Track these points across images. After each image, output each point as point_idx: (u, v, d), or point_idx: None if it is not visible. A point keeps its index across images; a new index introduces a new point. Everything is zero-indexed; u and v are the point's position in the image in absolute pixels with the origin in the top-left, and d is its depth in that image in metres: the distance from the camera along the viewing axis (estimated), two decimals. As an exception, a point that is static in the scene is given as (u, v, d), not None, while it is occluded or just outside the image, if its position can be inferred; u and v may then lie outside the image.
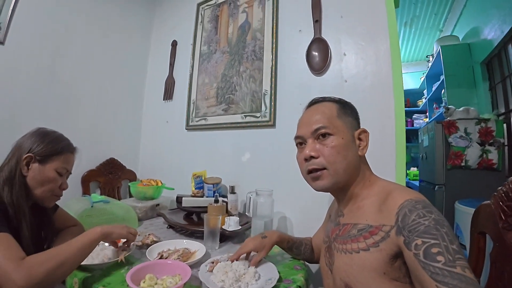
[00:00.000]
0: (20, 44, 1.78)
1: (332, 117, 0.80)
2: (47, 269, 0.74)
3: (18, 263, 0.71)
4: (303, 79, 1.60)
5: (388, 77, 1.35)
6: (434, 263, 0.52)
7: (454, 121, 2.41)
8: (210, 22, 2.14)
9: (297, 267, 1.08)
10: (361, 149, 0.79)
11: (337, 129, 0.78)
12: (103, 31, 2.24)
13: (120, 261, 1.00)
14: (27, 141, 0.96)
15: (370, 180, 0.80)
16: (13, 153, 0.94)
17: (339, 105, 0.83)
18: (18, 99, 1.77)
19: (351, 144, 0.78)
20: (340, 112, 0.81)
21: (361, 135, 0.81)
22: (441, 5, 3.45)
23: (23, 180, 0.92)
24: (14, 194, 0.88)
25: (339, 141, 0.77)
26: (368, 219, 0.70)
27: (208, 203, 1.40)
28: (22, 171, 0.92)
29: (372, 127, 1.37)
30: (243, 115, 1.79)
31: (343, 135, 0.78)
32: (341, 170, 0.76)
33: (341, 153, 0.76)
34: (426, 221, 0.57)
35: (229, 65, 1.94)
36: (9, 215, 0.85)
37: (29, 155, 0.92)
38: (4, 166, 0.92)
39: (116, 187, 2.18)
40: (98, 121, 2.19)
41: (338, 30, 1.53)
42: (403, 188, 0.70)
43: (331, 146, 0.77)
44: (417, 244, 0.55)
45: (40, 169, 0.94)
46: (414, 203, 0.62)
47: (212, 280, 0.90)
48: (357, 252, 0.68)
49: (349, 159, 0.77)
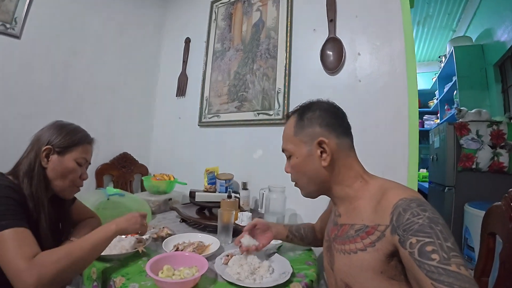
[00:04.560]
0: (35, 39, 1.82)
1: (290, 137, 0.84)
2: (59, 268, 0.73)
3: (29, 262, 0.70)
4: (317, 78, 1.61)
5: (403, 77, 1.36)
6: (429, 261, 0.52)
7: (466, 123, 2.39)
8: (224, 19, 2.16)
9: (309, 262, 1.10)
10: (322, 160, 0.78)
11: (294, 148, 0.82)
12: (117, 27, 2.28)
13: (141, 252, 1.02)
14: (45, 134, 0.97)
15: (363, 179, 0.78)
16: (32, 146, 0.96)
17: (297, 119, 0.83)
18: (34, 93, 1.81)
19: (308, 159, 0.80)
20: (297, 127, 0.82)
21: (321, 144, 0.77)
22: (454, 5, 3.41)
23: (43, 172, 0.93)
24: (33, 186, 0.89)
25: (294, 161, 0.83)
26: (364, 219, 0.71)
27: (220, 198, 1.43)
28: (41, 163, 0.93)
29: (384, 127, 1.40)
30: (256, 113, 1.81)
31: (298, 154, 0.82)
32: (304, 185, 0.84)
33: (299, 171, 0.83)
34: (420, 219, 0.57)
35: (242, 63, 1.95)
36: (29, 208, 0.86)
37: (48, 147, 0.93)
38: (23, 159, 0.94)
39: (128, 181, 2.22)
40: (111, 116, 2.23)
41: (352, 29, 1.53)
42: (398, 187, 0.70)
43: (291, 166, 0.85)
44: (411, 242, 0.56)
45: (59, 161, 0.95)
46: (408, 202, 0.62)
47: (228, 272, 0.92)
48: (355, 253, 0.69)
49: (309, 174, 0.81)
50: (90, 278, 0.98)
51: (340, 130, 0.81)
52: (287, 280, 0.89)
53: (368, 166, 1.35)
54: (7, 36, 1.71)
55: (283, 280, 0.89)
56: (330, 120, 0.80)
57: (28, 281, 0.68)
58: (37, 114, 1.79)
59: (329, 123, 0.80)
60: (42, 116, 1.69)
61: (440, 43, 4.29)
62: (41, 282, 0.69)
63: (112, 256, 1.00)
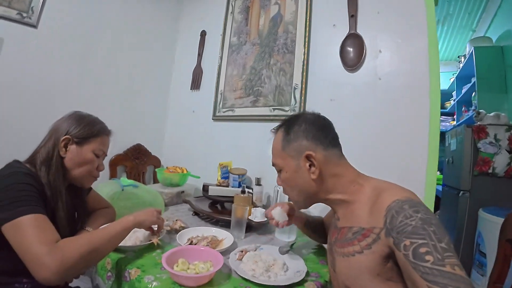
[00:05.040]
0: (52, 29, 1.83)
1: (278, 152, 0.85)
2: (80, 254, 0.73)
3: (51, 246, 0.70)
4: (336, 74, 1.58)
5: (424, 77, 1.32)
6: (423, 263, 0.52)
7: (484, 126, 2.33)
8: (241, 13, 2.14)
9: (322, 261, 1.09)
10: (311, 173, 0.78)
11: (282, 162, 0.84)
12: (133, 19, 2.29)
13: (156, 244, 1.02)
14: (64, 124, 0.97)
15: (358, 183, 0.78)
16: (50, 135, 0.96)
17: (284, 134, 0.84)
18: (49, 83, 1.82)
19: (297, 173, 0.81)
20: (284, 142, 0.83)
21: (310, 158, 0.78)
22: (475, 4, 3.31)
23: (61, 162, 0.94)
24: (51, 175, 0.89)
25: (284, 175, 0.84)
26: (360, 221, 0.71)
27: (234, 193, 1.42)
28: (60, 152, 0.93)
29: (403, 127, 1.37)
30: (272, 108, 1.79)
31: (287, 169, 0.83)
32: (295, 197, 0.86)
33: (289, 185, 0.85)
34: (413, 221, 0.58)
35: (259, 57, 1.93)
36: (47, 196, 0.87)
37: (67, 137, 0.94)
38: (41, 148, 0.94)
39: (141, 172, 2.24)
40: (126, 107, 2.24)
41: (374, 26, 1.50)
42: (393, 188, 0.70)
43: (282, 180, 0.86)
44: (405, 245, 0.56)
45: (78, 151, 0.95)
46: (401, 204, 0.62)
47: (242, 268, 0.92)
48: (353, 255, 0.70)
49: (299, 187, 0.82)
50: (104, 268, 0.99)
51: (327, 141, 0.81)
52: (301, 279, 0.88)
53: (385, 166, 1.34)
54: (23, 25, 1.73)
55: (298, 279, 0.88)
56: (317, 133, 0.81)
57: (51, 264, 0.67)
58: (53, 103, 1.81)
59: (315, 136, 0.80)
60: (57, 105, 1.72)
61: (459, 43, 4.18)
62: (64, 266, 0.69)
63: (127, 247, 1.01)
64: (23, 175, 0.82)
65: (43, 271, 0.67)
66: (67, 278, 0.77)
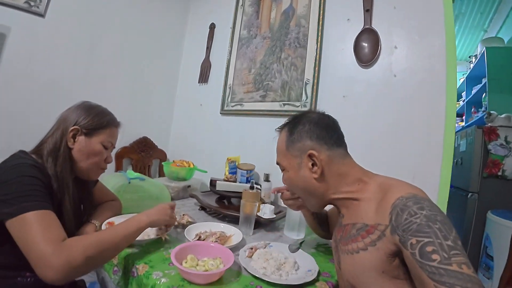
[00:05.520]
0: (60, 19, 1.81)
1: (282, 151, 0.86)
2: (88, 255, 0.71)
3: (56, 246, 0.67)
4: (349, 70, 1.54)
5: (441, 74, 1.28)
6: (430, 262, 0.52)
7: (495, 127, 2.29)
8: (252, 5, 2.10)
9: (332, 260, 1.06)
10: (313, 172, 0.78)
11: (286, 162, 0.85)
12: (142, 10, 2.26)
13: (164, 239, 1.01)
14: (72, 114, 0.95)
15: (363, 181, 0.78)
16: (58, 125, 0.93)
17: (287, 134, 0.84)
18: (56, 73, 1.80)
19: (299, 173, 0.81)
20: (288, 142, 0.83)
21: (312, 157, 0.78)
22: (487, 4, 3.26)
23: (69, 153, 0.91)
24: (58, 166, 0.87)
25: (288, 175, 0.86)
26: (364, 218, 0.71)
27: (242, 188, 1.40)
28: (68, 143, 0.91)
29: (418, 125, 1.33)
30: (282, 103, 1.76)
31: (290, 168, 0.84)
32: (302, 196, 0.88)
33: (293, 184, 0.86)
34: (418, 219, 0.57)
35: (269, 51, 1.90)
36: (53, 188, 0.84)
37: (75, 127, 0.91)
38: (48, 138, 0.91)
39: (147, 165, 2.23)
40: (133, 100, 2.23)
41: (390, 21, 1.46)
42: (399, 184, 0.70)
43: (285, 179, 0.88)
44: (412, 243, 0.55)
45: (86, 142, 0.93)
46: (405, 201, 0.61)
47: (253, 266, 0.90)
48: (357, 252, 0.69)
49: (302, 186, 0.83)
50: (111, 262, 0.97)
51: (331, 141, 0.81)
52: (313, 279, 0.86)
53: (397, 165, 1.31)
54: (31, 14, 1.71)
55: (310, 278, 0.86)
56: (321, 133, 0.80)
57: (56, 264, 0.65)
58: (59, 94, 1.79)
59: (319, 136, 0.80)
60: (64, 96, 1.70)
61: (470, 42, 4.12)
62: (70, 266, 0.66)
63: (134, 241, 0.98)
64: (29, 167, 0.79)
65: (48, 271, 0.65)
66: (73, 278, 0.74)
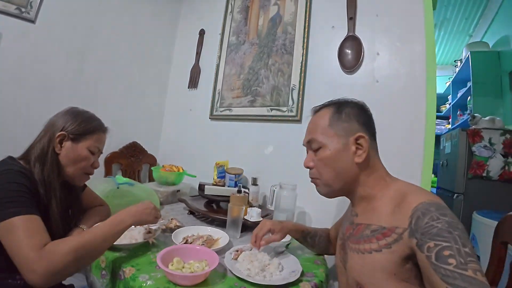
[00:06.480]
0: (50, 25, 1.81)
1: (323, 128, 0.81)
2: (69, 260, 0.72)
3: (39, 252, 0.69)
4: (333, 76, 1.58)
5: (421, 80, 1.33)
6: (445, 266, 0.52)
7: (479, 130, 2.35)
8: (240, 12, 2.13)
9: (317, 261, 1.09)
10: (357, 156, 0.77)
11: (326, 140, 0.80)
12: (132, 16, 2.27)
13: (152, 243, 1.02)
14: (60, 120, 0.96)
15: (385, 181, 0.78)
16: (45, 131, 0.95)
17: (333, 110, 0.82)
18: (47, 79, 1.81)
19: (341, 153, 0.78)
20: (333, 119, 0.80)
21: (359, 140, 0.77)
22: (472, 10, 3.35)
23: (56, 158, 0.93)
24: (45, 171, 0.88)
25: (326, 153, 0.79)
26: (381, 220, 0.70)
27: (230, 192, 1.43)
28: (55, 148, 0.92)
29: (400, 129, 1.37)
30: (269, 109, 1.79)
31: (330, 146, 0.79)
32: (330, 181, 0.80)
33: (328, 165, 0.79)
34: (439, 223, 0.57)
35: (257, 57, 1.93)
36: (40, 193, 0.85)
37: (62, 133, 0.93)
38: (36, 143, 0.93)
39: (137, 170, 2.23)
40: (123, 104, 2.23)
41: (372, 28, 1.50)
42: (418, 190, 0.70)
43: (319, 158, 0.81)
44: (429, 246, 0.56)
45: (73, 147, 0.95)
46: (427, 206, 0.61)
47: (238, 268, 0.92)
48: (369, 253, 0.69)
49: (338, 169, 0.79)
50: (99, 266, 0.98)
51: (372, 131, 0.82)
52: (297, 279, 0.89)
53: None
54: (22, 20, 1.71)
55: (293, 279, 0.88)
56: (366, 119, 0.82)
57: (37, 271, 0.67)
58: (50, 100, 1.79)
59: (365, 123, 0.81)
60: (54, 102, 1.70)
61: (456, 47, 4.22)
62: (50, 272, 0.69)
63: (122, 245, 1.00)
64: (15, 174, 0.80)
65: (31, 276, 0.67)
66: (57, 281, 0.76)
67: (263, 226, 1.02)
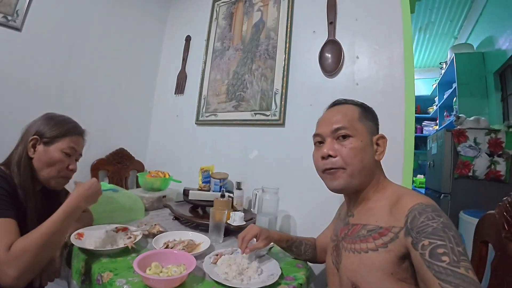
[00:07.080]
0: (36, 33, 1.81)
1: (354, 120, 0.81)
2: (35, 253, 0.76)
3: (6, 254, 0.72)
4: (315, 80, 1.60)
5: (400, 82, 1.35)
6: (438, 263, 0.54)
7: (464, 130, 2.38)
8: (225, 19, 2.16)
9: (299, 265, 1.09)
10: (378, 154, 0.81)
11: (357, 131, 0.80)
12: (119, 23, 2.27)
13: (131, 248, 1.02)
14: (34, 125, 1.00)
15: (382, 184, 0.81)
16: (22, 137, 1.00)
17: (361, 109, 0.85)
18: (33, 87, 1.80)
19: (368, 148, 0.80)
20: (362, 116, 0.83)
21: (379, 140, 0.82)
22: (457, 12, 3.42)
23: (29, 162, 0.96)
24: (21, 176, 0.92)
25: (357, 143, 0.78)
26: (378, 220, 0.72)
27: (214, 197, 1.43)
28: (28, 153, 0.96)
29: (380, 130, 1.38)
30: (253, 113, 1.80)
31: (362, 138, 0.79)
32: (356, 171, 0.78)
33: (358, 155, 0.77)
34: (435, 223, 0.59)
35: (241, 63, 1.95)
36: (19, 197, 0.89)
37: (34, 137, 0.96)
38: (15, 149, 0.98)
39: (124, 177, 2.22)
40: (109, 111, 2.23)
41: (352, 32, 1.53)
42: (414, 193, 0.72)
43: (350, 147, 0.78)
44: (424, 244, 0.57)
45: (45, 151, 0.97)
46: (424, 207, 0.64)
47: (216, 272, 0.92)
48: (365, 252, 0.70)
49: (365, 162, 0.78)
50: (79, 272, 0.98)
51: None
52: (274, 282, 0.89)
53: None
54: (8, 28, 1.71)
55: (271, 282, 0.88)
56: (378, 123, 0.88)
57: (9, 273, 0.70)
58: (35, 107, 1.76)
59: (377, 125, 0.87)
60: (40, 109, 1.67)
61: (442, 49, 4.29)
62: (22, 271, 0.72)
63: (101, 251, 1.00)
64: None
65: (4, 277, 0.71)
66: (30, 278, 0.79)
67: (251, 230, 1.02)
